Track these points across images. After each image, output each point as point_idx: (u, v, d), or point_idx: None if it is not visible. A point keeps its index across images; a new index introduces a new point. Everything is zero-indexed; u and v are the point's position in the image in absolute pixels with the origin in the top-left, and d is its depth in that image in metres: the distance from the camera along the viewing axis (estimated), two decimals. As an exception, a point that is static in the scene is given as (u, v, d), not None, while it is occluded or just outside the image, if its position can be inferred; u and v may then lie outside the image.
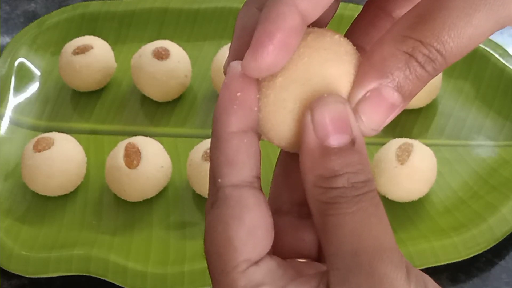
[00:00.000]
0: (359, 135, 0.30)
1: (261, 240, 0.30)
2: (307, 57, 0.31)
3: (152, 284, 0.57)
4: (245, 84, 0.31)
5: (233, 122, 0.31)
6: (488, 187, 0.61)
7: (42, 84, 0.72)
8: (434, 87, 0.65)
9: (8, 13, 0.80)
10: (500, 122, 0.65)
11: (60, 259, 0.58)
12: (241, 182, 0.31)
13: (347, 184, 0.29)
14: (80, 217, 0.62)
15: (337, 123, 0.29)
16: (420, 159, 0.59)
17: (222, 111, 0.31)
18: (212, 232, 0.30)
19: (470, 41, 0.29)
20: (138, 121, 0.69)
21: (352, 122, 0.30)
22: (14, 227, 0.61)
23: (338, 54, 0.31)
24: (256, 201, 0.30)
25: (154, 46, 0.67)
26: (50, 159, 0.61)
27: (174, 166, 0.63)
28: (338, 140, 0.29)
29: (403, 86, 0.29)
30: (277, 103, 0.31)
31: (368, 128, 0.30)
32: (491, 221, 0.58)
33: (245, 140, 0.31)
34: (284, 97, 0.31)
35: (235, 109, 0.31)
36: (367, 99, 0.30)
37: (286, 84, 0.31)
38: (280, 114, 0.31)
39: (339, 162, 0.29)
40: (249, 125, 0.31)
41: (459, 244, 0.57)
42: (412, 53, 0.29)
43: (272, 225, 0.31)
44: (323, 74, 0.30)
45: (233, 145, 0.31)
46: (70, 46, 0.69)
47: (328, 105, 0.29)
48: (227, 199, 0.30)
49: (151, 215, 0.62)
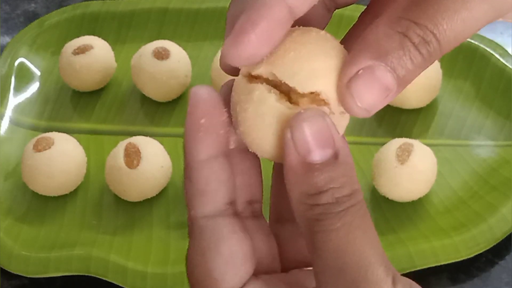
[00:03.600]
0: (343, 145, 0.29)
1: (241, 266, 0.30)
2: (293, 51, 0.30)
3: (152, 284, 0.57)
4: (209, 109, 0.31)
5: (200, 150, 0.31)
6: (488, 187, 0.61)
7: (42, 84, 0.72)
8: (434, 87, 0.65)
9: (8, 13, 0.80)
10: (500, 122, 0.65)
11: (60, 259, 0.58)
12: (213, 212, 0.31)
13: (332, 199, 0.29)
14: (80, 217, 0.62)
15: (318, 138, 0.29)
16: (420, 159, 0.59)
17: (188, 139, 0.31)
18: (192, 264, 0.31)
19: (464, 25, 0.29)
20: (138, 121, 0.69)
21: (334, 134, 0.29)
22: (14, 227, 0.61)
23: (325, 49, 0.31)
24: (231, 229, 0.30)
25: (154, 46, 0.67)
26: (50, 159, 0.61)
27: (174, 166, 0.63)
28: (320, 155, 0.29)
29: (397, 68, 0.29)
30: (256, 118, 0.30)
31: (360, 108, 0.29)
32: (491, 221, 0.58)
33: (215, 167, 0.31)
34: (262, 111, 0.30)
35: (201, 137, 0.31)
36: (359, 77, 0.29)
37: (264, 98, 0.30)
38: (259, 129, 0.30)
39: (323, 178, 0.29)
40: (218, 150, 0.31)
41: (459, 244, 0.57)
42: (406, 33, 0.29)
43: (251, 249, 0.31)
44: (310, 68, 0.30)
45: (203, 174, 0.31)
46: (70, 46, 0.69)
47: (306, 121, 0.29)
48: (201, 231, 0.30)
49: (151, 215, 0.62)
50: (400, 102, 0.66)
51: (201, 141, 0.31)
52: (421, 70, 0.30)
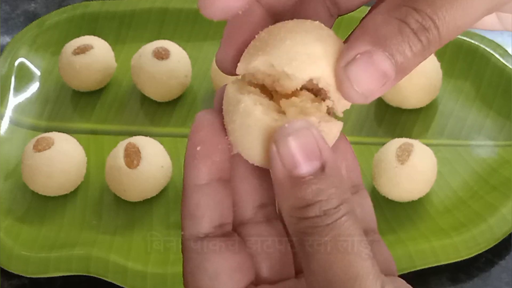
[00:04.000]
0: (330, 156, 0.29)
1: (228, 282, 0.31)
2: (289, 39, 0.30)
3: (152, 284, 0.57)
4: (207, 136, 0.31)
5: (194, 176, 0.32)
6: (488, 187, 0.61)
7: (42, 84, 0.72)
8: (434, 87, 0.65)
9: (8, 13, 0.80)
10: (500, 122, 0.65)
11: (60, 259, 0.58)
12: (201, 234, 0.31)
13: (319, 212, 0.28)
14: (80, 217, 0.62)
15: (304, 151, 0.29)
16: (420, 159, 0.59)
17: (186, 164, 0.32)
18: (186, 282, 0.32)
19: (464, 13, 0.29)
20: (138, 121, 0.69)
21: (321, 145, 0.29)
22: (14, 227, 0.61)
23: (321, 36, 0.31)
24: (216, 249, 0.31)
25: (154, 46, 0.67)
26: (50, 159, 0.61)
27: (174, 166, 0.63)
28: (306, 168, 0.29)
29: (395, 54, 0.29)
30: (243, 130, 0.30)
31: (357, 93, 0.29)
32: (491, 221, 0.58)
33: (207, 193, 0.31)
34: (248, 123, 0.30)
35: (196, 163, 0.31)
36: (357, 61, 0.29)
37: (249, 110, 0.30)
38: (247, 140, 0.30)
39: (310, 191, 0.28)
40: (212, 176, 0.32)
41: (459, 244, 0.57)
42: (405, 19, 0.29)
43: (240, 262, 0.31)
44: (308, 54, 0.30)
45: (194, 198, 0.31)
46: (70, 46, 0.69)
47: (291, 134, 0.29)
48: (189, 251, 0.32)
49: (151, 215, 0.62)
50: (400, 102, 0.66)
51: (196, 167, 0.31)
52: (419, 59, 0.29)
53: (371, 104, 0.67)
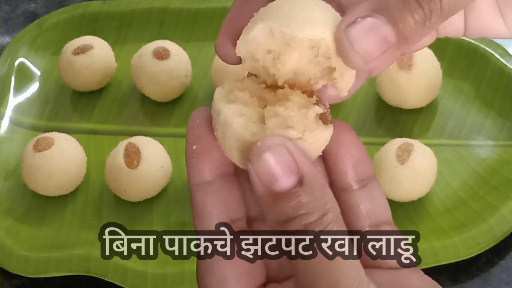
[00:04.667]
0: (308, 168, 0.29)
1: (236, 285, 0.31)
2: (287, 4, 0.30)
3: (152, 284, 0.57)
4: (201, 135, 0.31)
5: (194, 175, 0.31)
6: (488, 187, 0.61)
7: (42, 84, 0.72)
8: (434, 87, 0.65)
9: (8, 13, 0.80)
10: (500, 122, 0.65)
11: (60, 259, 0.58)
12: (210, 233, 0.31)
13: (300, 227, 0.29)
14: (80, 217, 0.62)
15: (279, 167, 0.29)
16: (420, 159, 0.59)
17: (187, 163, 0.32)
18: (197, 280, 0.32)
19: None
20: (138, 121, 0.69)
21: (297, 159, 0.29)
22: (14, 227, 0.61)
23: (320, 4, 0.31)
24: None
25: (154, 46, 0.67)
26: (50, 159, 0.61)
27: (174, 166, 0.63)
28: (283, 184, 0.28)
29: (397, 21, 0.29)
30: (224, 138, 0.31)
31: (358, 55, 0.29)
32: (491, 221, 0.58)
33: (211, 190, 0.31)
34: (228, 135, 0.30)
35: (194, 162, 0.31)
36: (357, 23, 0.29)
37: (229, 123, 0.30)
38: (229, 148, 0.31)
39: (290, 205, 0.29)
40: (214, 172, 0.32)
41: (459, 244, 0.57)
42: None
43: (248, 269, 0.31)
44: (307, 16, 0.30)
45: (199, 197, 0.31)
46: (70, 46, 0.69)
47: (266, 151, 0.29)
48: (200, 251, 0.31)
49: (151, 215, 0.62)
50: (400, 102, 0.66)
51: (195, 166, 0.31)
52: (421, 30, 0.29)
53: (371, 104, 0.67)
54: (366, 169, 0.34)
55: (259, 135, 0.30)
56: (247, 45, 0.31)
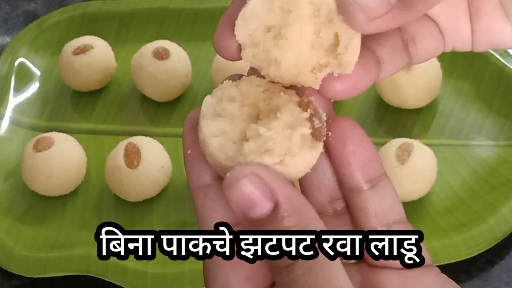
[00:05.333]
0: (284, 192, 0.28)
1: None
2: None
3: (152, 284, 0.57)
4: (194, 139, 0.31)
5: (193, 179, 0.31)
6: (488, 187, 0.61)
7: (42, 84, 0.72)
8: (434, 87, 0.65)
9: (8, 13, 0.80)
10: (500, 122, 0.65)
11: (60, 259, 0.58)
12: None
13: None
14: (80, 217, 0.62)
15: (252, 196, 0.28)
16: (420, 159, 0.59)
17: (185, 168, 0.32)
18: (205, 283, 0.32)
19: None
20: (138, 121, 0.69)
21: (271, 185, 0.28)
22: (14, 227, 0.61)
23: None
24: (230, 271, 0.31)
25: (154, 46, 0.67)
26: (50, 159, 0.61)
27: (174, 166, 0.63)
28: (259, 211, 0.28)
29: None
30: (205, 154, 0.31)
31: (361, 10, 0.29)
32: (491, 221, 0.58)
33: (210, 193, 0.31)
34: (207, 153, 0.30)
35: (190, 166, 0.31)
36: None
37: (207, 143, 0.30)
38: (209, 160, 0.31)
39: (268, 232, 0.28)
40: (212, 175, 0.31)
41: (459, 244, 0.57)
42: None
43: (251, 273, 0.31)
44: None
45: (199, 200, 0.31)
46: (70, 46, 0.69)
47: (237, 182, 0.28)
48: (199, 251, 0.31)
49: (151, 215, 0.62)
50: (400, 102, 0.66)
51: (191, 170, 0.31)
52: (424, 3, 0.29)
53: (371, 104, 0.67)
54: (375, 168, 0.33)
55: (234, 160, 0.29)
56: (246, 22, 0.31)
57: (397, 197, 0.33)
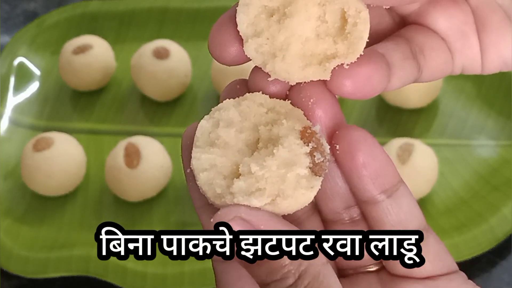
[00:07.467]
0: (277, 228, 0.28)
1: None
2: None
3: (152, 284, 0.57)
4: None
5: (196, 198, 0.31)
6: (489, 187, 0.61)
7: (42, 84, 0.72)
8: (435, 87, 0.65)
9: (8, 12, 0.80)
10: (501, 122, 0.65)
11: (60, 259, 0.58)
12: None
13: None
14: (80, 217, 0.62)
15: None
16: (421, 159, 0.59)
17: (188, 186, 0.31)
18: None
19: None
20: (138, 121, 0.69)
21: (258, 225, 0.28)
22: (14, 227, 0.61)
23: None
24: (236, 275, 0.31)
25: (154, 46, 0.67)
26: (49, 159, 0.61)
27: (174, 166, 0.63)
28: (247, 253, 0.28)
29: None
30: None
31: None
32: (493, 221, 0.58)
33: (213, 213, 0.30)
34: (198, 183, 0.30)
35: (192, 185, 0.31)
36: None
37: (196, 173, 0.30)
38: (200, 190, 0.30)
39: (261, 272, 0.28)
40: None
41: (461, 244, 0.57)
42: None
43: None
44: None
45: (204, 222, 0.31)
46: (70, 46, 0.69)
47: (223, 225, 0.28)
48: (216, 272, 0.31)
49: (151, 215, 0.62)
50: (401, 101, 0.66)
51: (193, 189, 0.31)
52: None
53: (372, 104, 0.67)
54: (389, 178, 0.31)
55: (221, 199, 0.29)
56: (248, 7, 0.30)
57: (414, 204, 0.32)
